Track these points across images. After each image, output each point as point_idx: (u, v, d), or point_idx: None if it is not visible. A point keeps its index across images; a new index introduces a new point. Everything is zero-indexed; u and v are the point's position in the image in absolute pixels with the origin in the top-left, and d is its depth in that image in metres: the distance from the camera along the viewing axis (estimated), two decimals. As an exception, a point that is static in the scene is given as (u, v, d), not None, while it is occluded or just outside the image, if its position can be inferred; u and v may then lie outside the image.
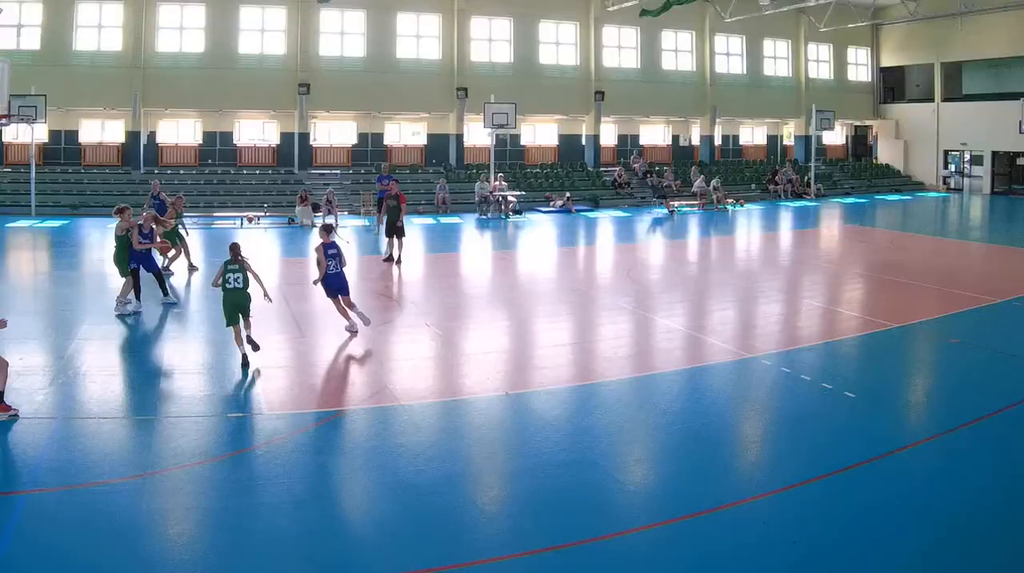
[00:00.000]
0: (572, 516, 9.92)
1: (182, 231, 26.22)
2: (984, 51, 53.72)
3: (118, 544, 9.21)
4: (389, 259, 28.08)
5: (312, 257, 20.95)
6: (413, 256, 29.67)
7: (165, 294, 21.35)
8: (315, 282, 18.23)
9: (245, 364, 15.65)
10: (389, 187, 29.47)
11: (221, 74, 45.84)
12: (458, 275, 28.28)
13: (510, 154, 51.42)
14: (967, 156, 57.76)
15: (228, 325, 16.00)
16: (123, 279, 20.50)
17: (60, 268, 27.57)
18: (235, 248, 16.50)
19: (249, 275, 16.21)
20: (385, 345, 17.91)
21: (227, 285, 15.99)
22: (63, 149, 46.53)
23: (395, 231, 28.11)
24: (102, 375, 15.43)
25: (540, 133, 53.29)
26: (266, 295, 16.87)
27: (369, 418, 13.37)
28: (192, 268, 25.98)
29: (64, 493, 10.45)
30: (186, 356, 17.02)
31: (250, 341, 16.00)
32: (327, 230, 18.52)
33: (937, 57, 56.44)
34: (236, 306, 15.87)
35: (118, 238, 20.68)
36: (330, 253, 17.86)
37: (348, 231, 35.64)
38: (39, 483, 10.69)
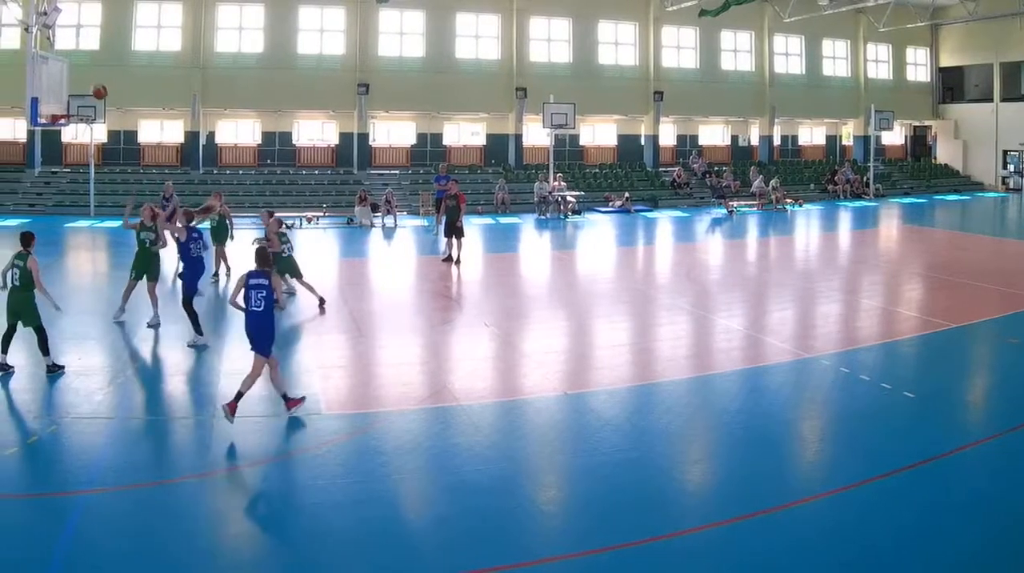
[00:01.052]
0: (630, 516, 9.74)
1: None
2: (1044, 51, 51.89)
3: (177, 544, 9.07)
4: (448, 259, 27.54)
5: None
6: (472, 256, 28.99)
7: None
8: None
9: None
10: (448, 187, 29.01)
11: (280, 74, 44.74)
12: (517, 275, 27.87)
13: (569, 154, 49.91)
14: (1027, 156, 55.93)
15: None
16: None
17: (119, 268, 25.53)
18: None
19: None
20: (444, 345, 17.78)
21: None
22: (122, 149, 45.67)
23: (454, 231, 27.53)
24: (161, 375, 15.45)
25: (599, 133, 51.95)
26: None
27: (428, 418, 13.17)
28: (214, 277, 23.90)
29: (124, 493, 10.32)
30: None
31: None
32: (260, 256, 14.71)
33: (996, 57, 54.35)
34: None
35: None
36: (252, 283, 13.69)
37: (407, 232, 34.72)
38: (99, 483, 10.53)
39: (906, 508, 9.91)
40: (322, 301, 20.52)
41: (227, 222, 24.91)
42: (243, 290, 12.82)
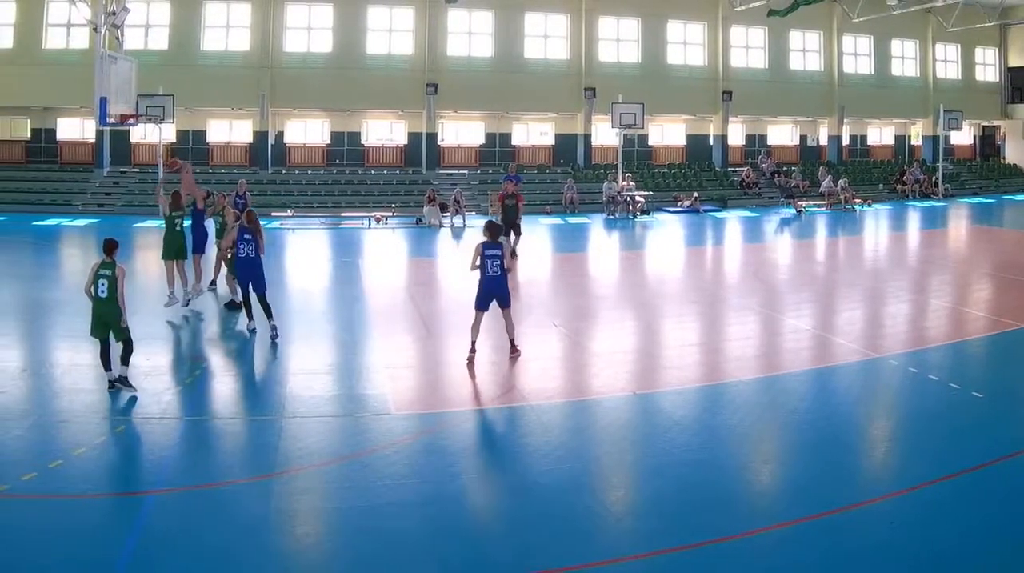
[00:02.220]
0: (699, 516, 9.50)
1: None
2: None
3: (245, 544, 8.89)
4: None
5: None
6: (541, 256, 28.80)
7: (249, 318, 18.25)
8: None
9: None
10: (506, 187, 28.86)
11: (349, 74, 43.80)
12: (586, 275, 27.32)
13: (638, 154, 48.38)
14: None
15: None
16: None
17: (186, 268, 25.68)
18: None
19: None
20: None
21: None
22: (191, 149, 44.64)
23: (512, 228, 27.04)
24: (229, 375, 15.26)
25: (668, 133, 50.46)
26: None
27: (497, 418, 12.97)
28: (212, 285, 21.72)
29: (192, 493, 10.18)
30: (314, 356, 16.38)
31: None
32: (491, 229, 15.67)
33: (1065, 57, 52.33)
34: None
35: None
36: (488, 253, 15.33)
37: (475, 232, 33.22)
38: (167, 483, 10.39)
39: (975, 508, 9.60)
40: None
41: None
42: (479, 258, 15.09)
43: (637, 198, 41.19)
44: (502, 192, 29.00)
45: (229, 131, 45.86)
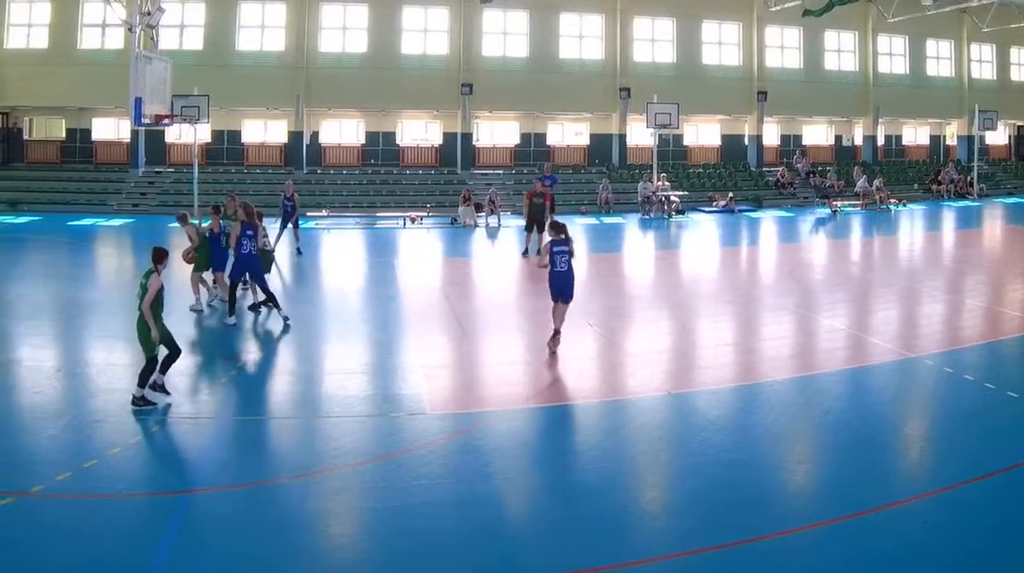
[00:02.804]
0: (734, 516, 9.39)
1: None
2: None
3: (280, 544, 8.84)
4: (526, 254, 27.66)
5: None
6: (577, 256, 27.77)
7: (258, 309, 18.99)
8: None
9: None
10: (535, 186, 29.08)
11: (384, 74, 43.25)
12: (621, 275, 27.09)
13: (673, 154, 47.73)
14: None
15: None
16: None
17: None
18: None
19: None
20: (546, 344, 16.57)
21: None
22: (225, 149, 44.46)
23: (537, 225, 27.46)
24: (265, 375, 15.14)
25: (703, 133, 49.77)
26: None
27: (532, 418, 12.81)
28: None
29: (228, 492, 10.10)
30: (349, 356, 16.37)
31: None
32: (556, 227, 16.35)
33: (1101, 57, 51.33)
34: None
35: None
36: (556, 250, 15.93)
37: (510, 231, 33.37)
38: (202, 483, 10.37)
39: (1009, 509, 9.53)
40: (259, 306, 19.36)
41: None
42: (549, 254, 15.74)
43: (672, 198, 40.58)
44: (530, 191, 29.09)
45: (264, 131, 45.40)
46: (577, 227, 35.51)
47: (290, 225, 27.26)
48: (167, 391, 12.73)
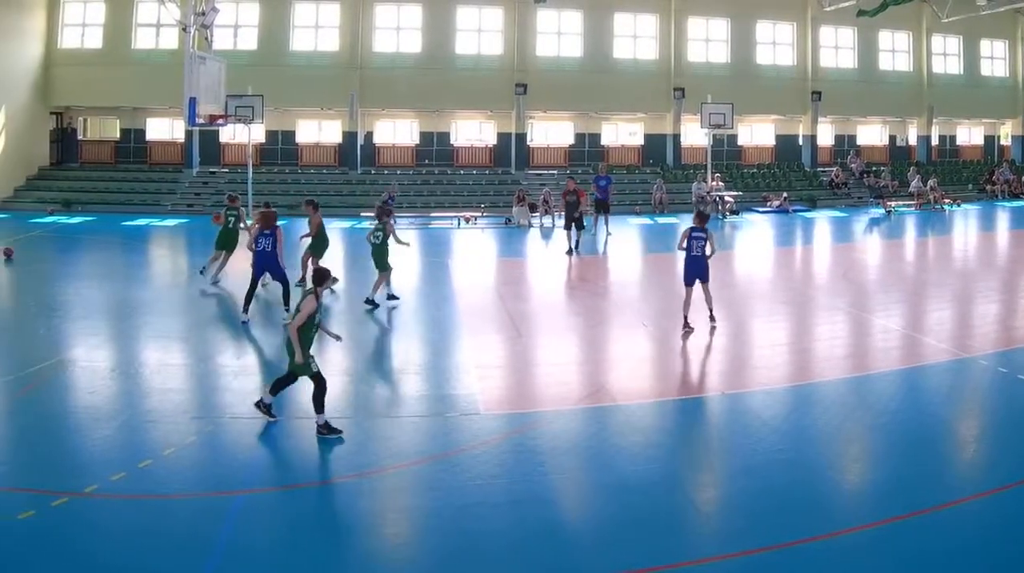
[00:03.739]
0: (788, 516, 9.29)
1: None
2: None
3: (335, 544, 8.79)
4: (570, 252, 27.82)
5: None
6: (630, 256, 28.49)
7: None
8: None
9: None
10: (568, 184, 29.45)
11: (438, 74, 42.54)
12: (675, 275, 25.67)
13: (727, 154, 46.74)
14: None
15: None
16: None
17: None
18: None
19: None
20: (602, 344, 17.12)
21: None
22: (279, 149, 43.79)
23: (575, 222, 27.81)
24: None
25: (757, 133, 48.75)
26: None
27: (586, 418, 12.65)
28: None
29: (282, 492, 10.06)
30: (403, 356, 16.33)
31: None
32: (700, 216, 17.68)
33: None
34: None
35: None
36: (694, 236, 17.14)
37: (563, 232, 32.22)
38: (257, 482, 10.25)
39: None
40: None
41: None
42: (687, 240, 16.97)
43: (726, 198, 39.89)
44: (566, 189, 29.30)
45: (318, 131, 44.73)
46: (631, 227, 35.62)
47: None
48: (273, 415, 11.95)
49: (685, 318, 16.84)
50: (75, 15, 41.92)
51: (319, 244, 21.13)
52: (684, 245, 17.02)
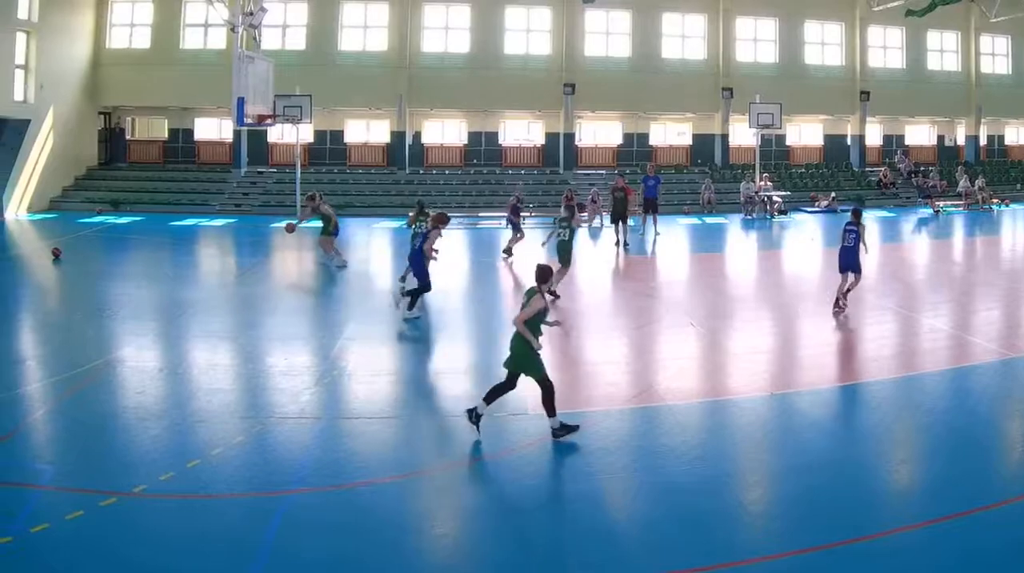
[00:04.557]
0: (836, 516, 9.08)
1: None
2: None
3: (381, 544, 8.61)
4: (618, 244, 28.30)
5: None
6: (678, 256, 28.32)
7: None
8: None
9: None
10: (616, 182, 30.02)
11: (486, 74, 42.12)
12: (723, 275, 26.52)
13: (775, 154, 46.07)
14: None
15: None
16: None
17: (325, 269, 25.31)
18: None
19: None
20: (650, 344, 16.98)
21: None
22: (328, 149, 43.41)
23: (622, 218, 28.43)
24: (367, 375, 14.62)
25: (805, 133, 48.02)
26: None
27: (634, 418, 12.50)
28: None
29: (329, 493, 9.89)
30: (450, 356, 16.25)
31: None
32: (855, 212, 18.89)
33: None
34: None
35: None
36: (848, 229, 18.31)
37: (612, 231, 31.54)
38: (305, 483, 10.14)
39: None
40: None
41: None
42: (843, 232, 18.41)
43: (775, 198, 39.34)
44: (614, 185, 29.93)
45: (366, 131, 44.30)
46: (680, 227, 35.15)
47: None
48: (478, 425, 11.39)
49: (837, 300, 18.28)
50: (123, 15, 41.70)
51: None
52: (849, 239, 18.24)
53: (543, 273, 11.42)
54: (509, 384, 11.40)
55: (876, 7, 44.34)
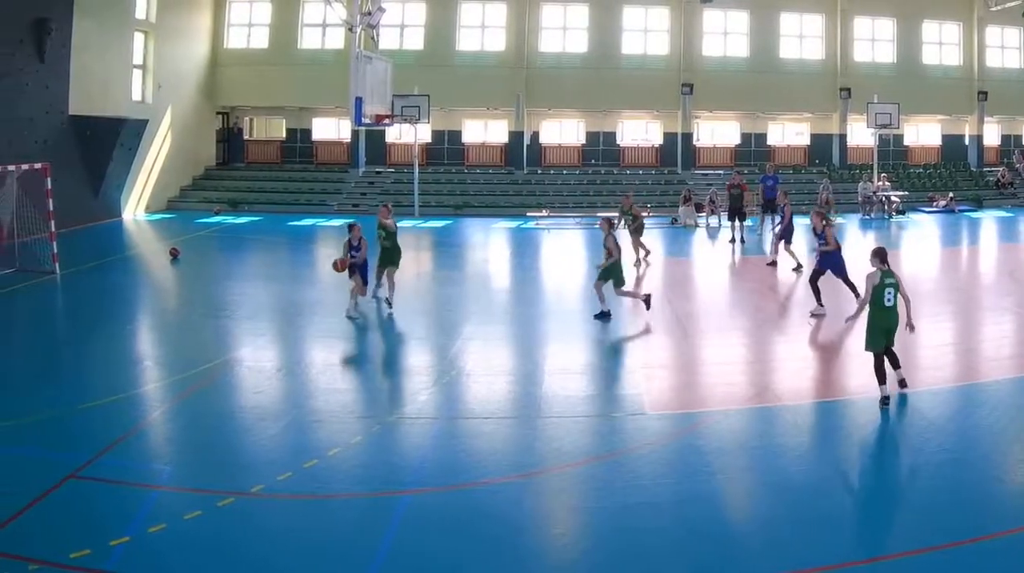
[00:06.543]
0: (954, 516, 8.87)
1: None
2: None
3: (500, 544, 8.56)
4: (733, 241, 28.94)
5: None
6: (799, 256, 26.66)
7: None
8: None
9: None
10: (733, 178, 30.55)
11: (604, 74, 41.15)
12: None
13: (893, 154, 44.58)
14: None
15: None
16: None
17: (444, 269, 25.97)
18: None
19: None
20: (767, 344, 16.76)
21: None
22: (445, 149, 42.69)
23: (738, 215, 28.98)
24: (484, 375, 14.52)
25: (923, 133, 46.51)
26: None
27: (751, 418, 12.32)
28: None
29: (447, 493, 9.80)
30: (570, 356, 15.71)
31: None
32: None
33: None
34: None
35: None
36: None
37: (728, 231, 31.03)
38: (423, 483, 10.07)
39: None
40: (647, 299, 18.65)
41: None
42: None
43: (892, 198, 38.20)
44: (730, 182, 30.51)
45: (484, 131, 43.50)
46: (798, 227, 33.38)
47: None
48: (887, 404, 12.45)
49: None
50: (241, 15, 41.43)
51: None
52: None
53: (880, 253, 12.68)
54: (879, 360, 12.25)
55: (994, 7, 42.55)
